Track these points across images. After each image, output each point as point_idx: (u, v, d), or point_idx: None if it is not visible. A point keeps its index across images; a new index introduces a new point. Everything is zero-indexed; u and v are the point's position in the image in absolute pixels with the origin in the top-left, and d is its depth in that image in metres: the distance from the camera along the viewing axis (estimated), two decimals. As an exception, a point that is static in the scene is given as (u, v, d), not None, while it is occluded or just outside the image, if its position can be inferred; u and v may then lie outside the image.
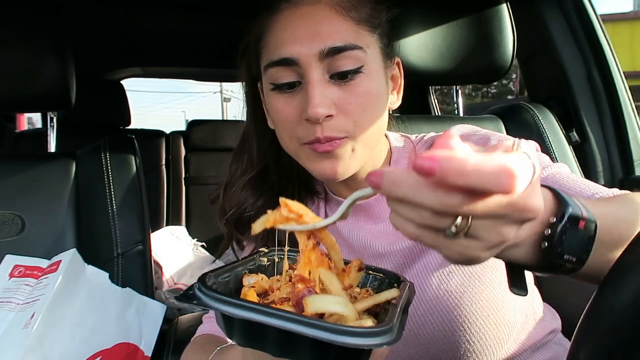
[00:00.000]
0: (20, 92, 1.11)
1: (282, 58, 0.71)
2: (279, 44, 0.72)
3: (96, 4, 1.61)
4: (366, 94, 0.72)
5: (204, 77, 3.63)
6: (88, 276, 0.99)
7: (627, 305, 0.38)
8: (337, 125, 0.71)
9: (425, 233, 0.40)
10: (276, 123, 0.77)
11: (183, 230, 2.33)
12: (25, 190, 1.10)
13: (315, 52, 0.69)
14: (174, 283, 1.94)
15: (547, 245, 0.44)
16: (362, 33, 0.73)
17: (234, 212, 0.84)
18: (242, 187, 0.85)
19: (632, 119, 1.41)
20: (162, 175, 2.72)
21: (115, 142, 1.20)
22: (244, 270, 0.53)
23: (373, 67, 0.73)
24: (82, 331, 0.91)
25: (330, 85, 0.71)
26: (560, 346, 0.86)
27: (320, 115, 0.68)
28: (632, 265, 0.40)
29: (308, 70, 0.70)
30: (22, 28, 1.09)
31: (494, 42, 1.33)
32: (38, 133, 2.29)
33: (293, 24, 0.72)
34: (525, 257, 0.45)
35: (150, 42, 2.11)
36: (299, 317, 0.39)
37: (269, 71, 0.73)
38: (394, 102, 0.81)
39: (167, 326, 1.09)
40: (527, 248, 0.45)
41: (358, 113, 0.71)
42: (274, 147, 0.84)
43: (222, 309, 0.41)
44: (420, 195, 0.37)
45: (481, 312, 0.73)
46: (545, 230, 0.44)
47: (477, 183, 0.35)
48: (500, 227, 0.39)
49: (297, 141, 0.74)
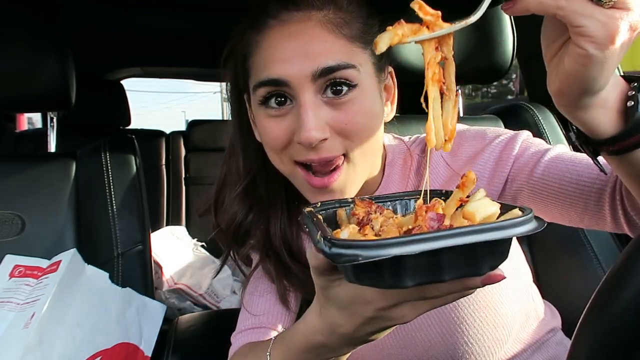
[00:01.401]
0: (20, 92, 1.11)
1: (272, 79, 0.67)
2: (268, 64, 0.68)
3: (96, 4, 1.60)
4: (361, 113, 0.69)
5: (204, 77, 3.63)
6: (88, 276, 0.99)
7: (628, 306, 0.38)
8: (333, 147, 0.68)
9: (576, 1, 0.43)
10: (265, 143, 0.74)
11: (183, 230, 2.33)
12: (25, 190, 1.10)
13: (307, 73, 0.66)
14: (174, 283, 1.94)
15: (632, 104, 0.50)
16: (354, 50, 0.69)
17: (229, 227, 0.82)
18: (232, 201, 0.82)
19: (632, 119, 1.40)
20: (162, 175, 2.72)
21: (115, 142, 1.20)
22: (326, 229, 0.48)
23: (367, 84, 0.70)
24: (82, 331, 0.91)
25: (323, 106, 0.67)
26: (561, 345, 0.86)
27: (314, 141, 0.65)
28: (632, 266, 0.40)
29: (300, 92, 0.66)
30: (22, 28, 1.08)
31: (494, 42, 1.33)
32: (38, 133, 2.29)
33: (282, 43, 0.68)
34: (611, 122, 0.51)
35: (150, 42, 2.11)
36: (472, 228, 0.39)
37: (258, 90, 0.70)
38: (388, 113, 0.79)
39: (167, 326, 1.09)
40: (612, 112, 0.51)
41: (354, 132, 0.68)
42: (260, 158, 0.81)
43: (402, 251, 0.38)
44: None
45: (479, 314, 0.73)
46: (629, 92, 0.50)
47: None
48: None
49: (289, 160, 0.72)
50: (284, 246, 0.81)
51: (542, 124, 1.33)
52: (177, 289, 1.93)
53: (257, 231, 0.82)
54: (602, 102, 0.50)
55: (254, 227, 0.82)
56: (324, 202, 0.58)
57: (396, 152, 0.83)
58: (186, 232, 2.32)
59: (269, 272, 0.83)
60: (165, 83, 74.17)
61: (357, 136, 0.69)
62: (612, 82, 0.50)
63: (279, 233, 0.82)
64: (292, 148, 0.70)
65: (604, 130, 0.52)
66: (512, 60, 1.35)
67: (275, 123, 0.70)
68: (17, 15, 1.09)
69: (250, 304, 0.84)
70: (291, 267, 0.80)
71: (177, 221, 2.67)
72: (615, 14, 0.44)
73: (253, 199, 0.82)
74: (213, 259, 2.17)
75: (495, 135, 0.78)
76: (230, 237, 0.84)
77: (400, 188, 0.80)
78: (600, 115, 0.51)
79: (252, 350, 0.73)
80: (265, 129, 0.71)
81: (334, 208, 0.57)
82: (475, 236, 0.39)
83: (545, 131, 1.31)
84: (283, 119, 0.69)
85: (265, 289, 0.84)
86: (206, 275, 2.02)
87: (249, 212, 0.82)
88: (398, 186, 0.81)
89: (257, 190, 0.83)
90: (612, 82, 0.50)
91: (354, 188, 0.73)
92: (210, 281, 1.99)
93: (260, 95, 0.70)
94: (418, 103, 0.85)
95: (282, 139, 0.69)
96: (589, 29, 0.44)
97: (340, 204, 0.57)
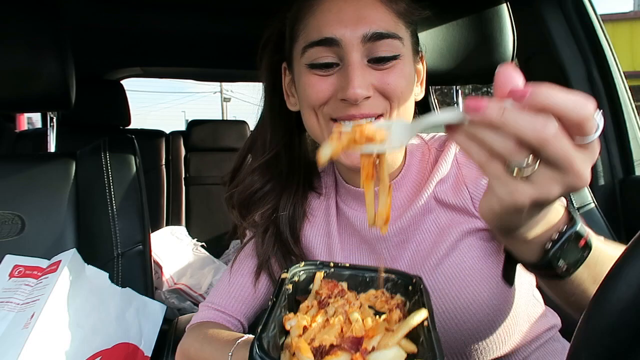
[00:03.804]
0: (20, 92, 1.11)
1: (325, 38, 0.73)
2: (322, 24, 0.74)
3: (96, 4, 1.61)
4: (403, 78, 0.75)
5: (204, 77, 3.64)
6: (88, 276, 0.99)
7: (628, 306, 0.38)
8: (374, 105, 0.74)
9: (493, 164, 0.45)
10: (305, 99, 0.78)
11: (183, 230, 2.33)
12: (25, 190, 1.10)
13: (359, 35, 0.72)
14: (174, 283, 1.94)
15: (550, 247, 0.52)
16: (400, 26, 0.76)
17: (241, 194, 0.88)
18: (252, 171, 0.88)
19: (632, 119, 1.40)
20: (162, 175, 2.72)
21: (115, 142, 1.20)
22: (281, 311, 0.55)
23: (407, 58, 0.76)
24: (82, 331, 0.91)
25: (368, 69, 0.73)
26: (559, 342, 0.87)
27: (359, 97, 0.71)
28: (632, 266, 0.40)
29: (349, 52, 0.72)
30: (22, 28, 1.08)
31: (494, 42, 1.33)
32: (38, 133, 2.29)
33: (338, 6, 0.74)
34: (529, 253, 0.54)
35: (150, 42, 2.11)
36: None
37: (308, 51, 0.75)
38: (418, 93, 0.84)
39: (167, 326, 1.08)
40: (534, 246, 0.53)
41: (395, 94, 0.74)
42: (287, 136, 0.88)
43: None
44: (514, 117, 0.42)
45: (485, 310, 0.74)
46: (553, 234, 0.52)
47: (561, 101, 0.41)
48: (554, 182, 0.45)
49: (324, 118, 0.76)
50: (288, 223, 0.87)
51: (542, 124, 1.33)
52: (177, 289, 1.93)
53: (267, 203, 0.88)
54: (522, 237, 0.53)
55: (267, 198, 0.88)
56: (307, 262, 0.63)
57: (415, 145, 0.89)
58: (186, 232, 2.32)
59: (259, 246, 0.88)
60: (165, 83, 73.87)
61: (397, 98, 0.74)
62: (542, 221, 0.52)
63: (288, 208, 0.87)
64: (332, 105, 0.75)
65: (521, 257, 0.56)
66: (512, 60, 1.35)
67: (320, 80, 0.75)
68: (17, 15, 1.09)
69: (227, 282, 0.91)
70: (289, 242, 0.86)
71: (177, 221, 2.68)
72: (524, 187, 0.45)
73: (272, 173, 0.88)
74: (213, 259, 2.17)
75: None
76: (240, 202, 0.89)
77: (418, 176, 0.85)
78: (519, 245, 0.55)
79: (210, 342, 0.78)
80: (309, 84, 0.76)
81: (314, 269, 0.62)
82: None
83: (545, 131, 1.31)
84: (328, 78, 0.75)
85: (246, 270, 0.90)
86: (206, 275, 2.02)
87: (266, 184, 0.88)
88: (416, 175, 0.85)
89: (279, 165, 0.88)
90: (542, 222, 0.52)
91: None
92: (210, 281, 1.99)
93: (309, 56, 0.75)
94: (418, 103, 0.86)
95: (325, 94, 0.75)
96: (497, 195, 0.47)
97: (322, 266, 0.62)
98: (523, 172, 0.45)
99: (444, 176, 0.81)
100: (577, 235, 0.52)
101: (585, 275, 0.55)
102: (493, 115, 0.43)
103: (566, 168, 0.44)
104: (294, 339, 0.51)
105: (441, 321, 0.75)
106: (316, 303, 0.57)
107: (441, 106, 2.33)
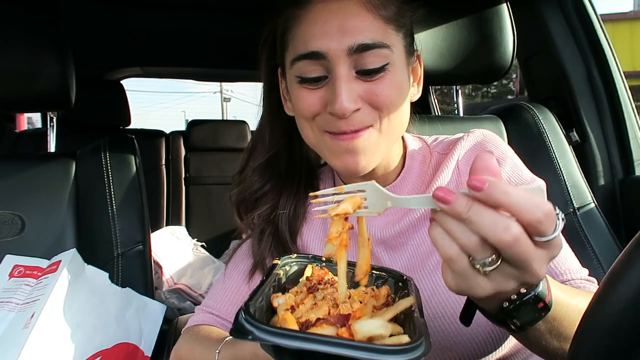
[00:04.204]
0: (20, 92, 1.11)
1: (311, 51, 0.72)
2: (309, 37, 0.73)
3: (96, 4, 1.61)
4: (392, 87, 0.74)
5: (204, 77, 3.64)
6: (88, 276, 0.99)
7: (627, 306, 0.38)
8: (364, 118, 0.73)
9: (461, 259, 0.46)
10: (298, 111, 0.79)
11: (183, 230, 2.33)
12: (25, 190, 1.10)
13: (344, 47, 0.70)
14: (174, 283, 1.94)
15: (506, 306, 0.52)
16: (389, 32, 0.74)
17: (241, 193, 0.88)
18: (253, 170, 0.88)
19: (632, 119, 1.41)
20: (162, 175, 2.72)
21: (115, 142, 1.20)
22: (270, 289, 0.56)
23: (397, 65, 0.75)
24: (82, 331, 0.91)
25: (356, 81, 0.72)
26: None
27: (347, 111, 0.70)
28: (632, 266, 0.40)
29: (336, 65, 0.71)
30: (22, 28, 1.08)
31: (494, 42, 1.33)
32: (38, 133, 2.29)
33: (323, 18, 0.72)
34: (488, 305, 0.53)
35: (150, 42, 2.11)
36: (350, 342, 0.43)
37: (296, 64, 0.74)
38: (415, 94, 0.83)
39: (167, 326, 1.08)
40: (493, 302, 0.53)
41: (385, 105, 0.73)
42: (286, 136, 0.88)
43: (279, 342, 0.43)
44: (478, 214, 0.43)
45: None
46: (512, 295, 0.51)
47: (515, 200, 0.42)
48: (511, 278, 0.47)
49: (318, 130, 0.76)
50: (288, 222, 0.87)
51: (542, 123, 1.33)
52: (177, 289, 1.93)
53: (267, 203, 0.88)
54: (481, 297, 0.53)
55: (265, 198, 0.88)
56: (299, 254, 0.64)
57: (416, 148, 0.88)
58: (186, 232, 2.32)
59: (256, 245, 0.88)
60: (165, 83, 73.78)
61: (387, 108, 0.74)
62: None
63: (288, 207, 0.88)
64: (323, 118, 0.75)
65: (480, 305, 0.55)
66: (512, 60, 1.35)
67: (310, 92, 0.75)
68: (17, 15, 1.08)
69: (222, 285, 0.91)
70: (287, 242, 0.86)
71: (177, 221, 2.67)
72: (483, 282, 0.47)
73: (272, 172, 0.89)
74: (213, 259, 2.17)
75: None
76: (241, 200, 0.89)
77: (419, 180, 0.85)
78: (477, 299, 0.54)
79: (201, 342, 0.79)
80: (299, 97, 0.76)
81: (306, 262, 0.63)
82: (343, 349, 0.42)
83: (546, 131, 1.31)
84: (318, 90, 0.75)
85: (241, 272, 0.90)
86: (206, 275, 2.02)
87: (265, 183, 0.88)
88: (416, 178, 0.85)
89: (278, 165, 0.89)
90: None
91: (375, 155, 0.76)
92: (210, 281, 1.99)
93: (298, 70, 0.75)
94: (418, 103, 0.85)
95: (315, 107, 0.74)
96: (456, 282, 0.48)
97: (314, 260, 0.63)
98: (485, 269, 0.46)
99: (445, 183, 0.81)
100: (537, 298, 0.52)
101: (543, 329, 0.55)
102: (459, 210, 0.44)
103: (524, 268, 0.45)
104: (281, 312, 0.51)
105: (440, 324, 0.75)
106: (305, 289, 0.57)
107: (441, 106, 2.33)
